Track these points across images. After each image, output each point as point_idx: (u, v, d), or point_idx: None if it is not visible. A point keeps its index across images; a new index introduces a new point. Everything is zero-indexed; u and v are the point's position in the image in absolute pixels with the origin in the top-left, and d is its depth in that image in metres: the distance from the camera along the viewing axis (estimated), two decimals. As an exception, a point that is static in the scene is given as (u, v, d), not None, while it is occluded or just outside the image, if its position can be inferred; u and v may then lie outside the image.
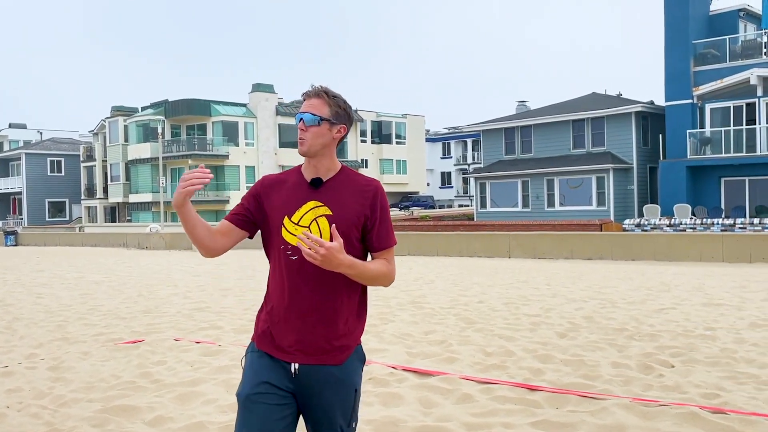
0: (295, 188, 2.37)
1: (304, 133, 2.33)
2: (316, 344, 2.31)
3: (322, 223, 2.30)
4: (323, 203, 2.32)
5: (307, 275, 2.28)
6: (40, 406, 4.85)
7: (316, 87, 2.37)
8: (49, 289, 12.59)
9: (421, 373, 5.56)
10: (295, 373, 2.31)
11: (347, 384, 2.35)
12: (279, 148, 49.30)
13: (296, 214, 2.32)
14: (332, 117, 2.34)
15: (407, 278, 13.35)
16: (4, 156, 59.98)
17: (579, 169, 30.55)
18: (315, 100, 2.34)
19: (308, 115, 2.32)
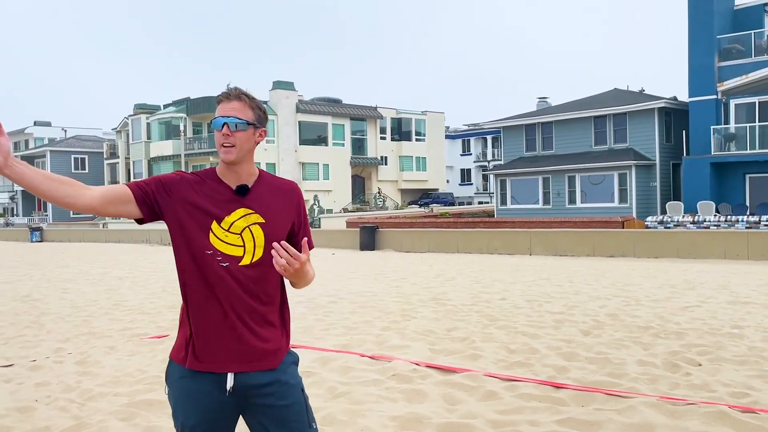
0: (217, 193, 2.25)
1: (229, 138, 2.19)
2: (252, 350, 2.23)
3: (255, 231, 2.24)
4: (254, 211, 2.25)
5: (239, 281, 2.21)
6: (68, 400, 4.91)
7: (234, 89, 2.25)
8: (75, 285, 12.75)
9: (444, 369, 5.54)
10: (231, 386, 2.21)
11: (292, 387, 2.28)
12: (299, 145, 49.44)
13: (226, 220, 2.22)
14: (256, 120, 2.26)
15: (428, 275, 13.32)
16: (29, 153, 60.86)
17: (601, 165, 30.26)
18: (236, 103, 2.22)
19: (234, 119, 2.19)
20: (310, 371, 5.53)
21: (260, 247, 2.24)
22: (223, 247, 2.21)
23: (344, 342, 6.73)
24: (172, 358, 2.29)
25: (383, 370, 5.53)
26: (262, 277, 2.24)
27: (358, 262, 17.18)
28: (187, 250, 2.22)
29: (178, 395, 2.25)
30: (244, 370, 2.22)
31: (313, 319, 8.12)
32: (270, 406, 2.24)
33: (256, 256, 2.24)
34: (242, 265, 2.22)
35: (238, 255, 2.22)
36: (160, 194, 2.22)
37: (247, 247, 2.23)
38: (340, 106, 52.54)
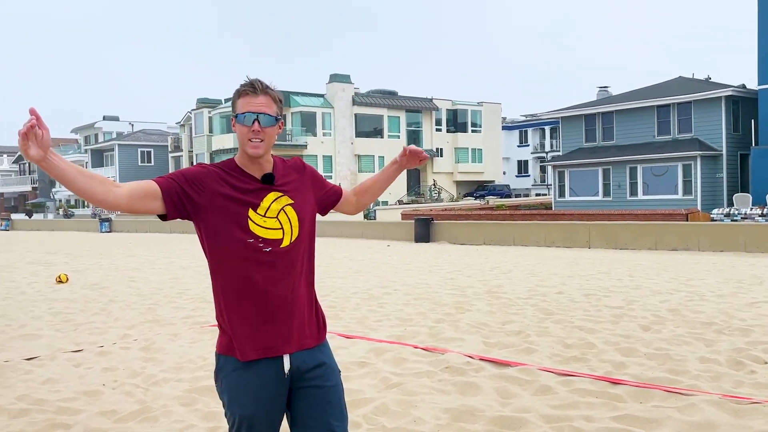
0: (244, 183, 2.27)
1: (259, 133, 2.21)
2: (302, 329, 2.31)
3: (289, 212, 2.31)
4: (282, 193, 2.31)
5: (283, 263, 2.26)
6: (133, 385, 5.11)
7: (259, 82, 2.24)
8: (141, 274, 13.21)
9: (498, 363, 5.52)
10: (289, 367, 2.27)
11: (334, 367, 2.39)
12: (355, 137, 49.73)
13: (261, 206, 2.26)
14: (279, 114, 2.29)
15: (483, 267, 13.24)
16: (98, 147, 63.21)
17: (664, 156, 29.38)
18: (263, 98, 2.23)
19: (265, 116, 2.22)
20: (364, 361, 5.60)
21: (296, 226, 2.31)
22: (263, 232, 2.24)
23: (398, 333, 6.78)
24: (222, 353, 2.30)
25: (436, 362, 5.55)
26: (302, 256, 2.33)
27: (413, 254, 17.20)
28: (227, 242, 2.22)
29: (233, 388, 2.26)
30: (297, 349, 2.28)
31: (367, 310, 8.20)
32: (318, 387, 2.30)
33: (294, 235, 2.30)
34: (283, 246, 2.27)
35: (278, 238, 2.27)
36: (190, 188, 2.21)
37: (285, 229, 2.28)
38: (396, 98, 52.53)
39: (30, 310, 8.81)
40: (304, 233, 2.34)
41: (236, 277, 2.24)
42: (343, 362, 5.58)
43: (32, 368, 5.65)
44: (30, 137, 1.89)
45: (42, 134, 1.91)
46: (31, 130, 1.89)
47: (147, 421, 4.30)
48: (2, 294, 10.49)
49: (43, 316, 8.27)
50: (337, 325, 7.31)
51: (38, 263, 16.35)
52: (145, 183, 2.19)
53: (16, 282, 12.19)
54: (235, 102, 2.25)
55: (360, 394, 4.74)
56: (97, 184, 2.08)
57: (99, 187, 2.08)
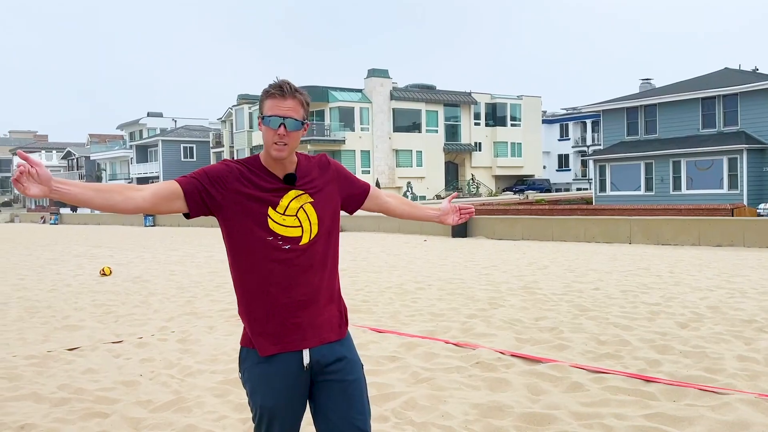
0: (266, 182, 2.30)
1: (284, 137, 2.23)
2: (322, 325, 2.34)
3: (308, 210, 2.33)
4: (303, 191, 2.34)
5: (301, 260, 2.30)
6: (169, 375, 5.24)
7: (288, 85, 2.25)
8: (182, 267, 13.48)
9: (529, 359, 5.49)
10: (308, 360, 2.31)
11: (357, 361, 2.42)
12: (393, 132, 49.74)
13: (281, 204, 2.29)
14: (306, 117, 2.30)
15: (519, 263, 13.14)
16: (143, 143, 64.60)
17: (709, 149, 28.66)
18: (291, 102, 2.24)
19: (291, 120, 2.23)
20: (395, 356, 5.63)
21: (315, 224, 2.33)
22: (282, 230, 2.29)
23: (430, 328, 6.79)
24: (245, 345, 2.37)
25: (467, 358, 5.55)
26: (321, 253, 2.35)
27: (449, 250, 17.16)
28: (248, 239, 2.27)
29: (255, 379, 2.32)
30: (317, 344, 2.32)
31: (400, 305, 8.23)
32: (339, 381, 2.33)
33: (313, 233, 2.33)
34: (302, 244, 2.30)
35: (297, 236, 2.30)
36: (212, 186, 2.26)
37: (304, 227, 2.31)
38: (434, 93, 52.34)
39: (74, 301, 9.09)
40: (323, 231, 2.36)
41: (256, 273, 2.29)
42: (374, 356, 5.63)
43: (74, 358, 5.83)
44: (23, 180, 1.95)
45: (36, 172, 1.96)
46: (22, 176, 1.94)
47: (181, 411, 4.41)
48: (49, 286, 10.84)
49: (86, 308, 8.52)
50: (370, 319, 7.36)
51: (84, 256, 16.82)
52: (168, 184, 2.25)
53: (62, 275, 12.57)
54: (262, 102, 2.26)
55: (389, 388, 4.77)
56: (116, 195, 2.15)
57: (118, 198, 2.15)
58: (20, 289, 10.50)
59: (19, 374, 5.31)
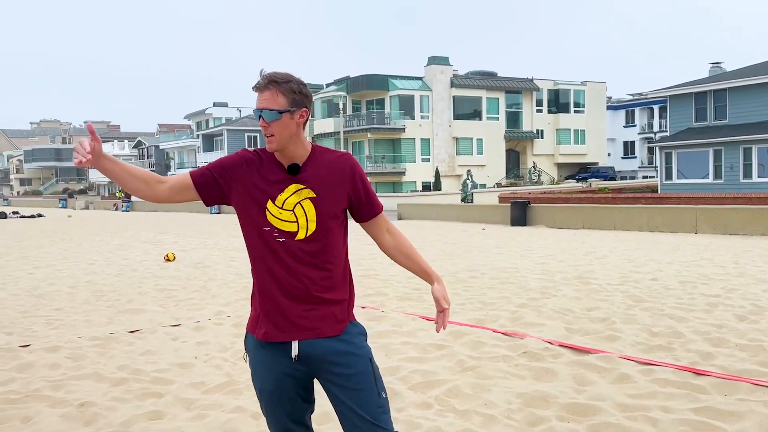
0: (272, 172, 2.33)
1: (267, 129, 2.25)
2: (313, 319, 2.32)
3: (306, 206, 2.30)
4: (305, 186, 2.31)
5: (297, 255, 2.30)
6: (222, 359, 5.43)
7: (263, 78, 2.26)
8: (242, 254, 13.84)
9: (577, 349, 5.44)
10: (296, 354, 2.33)
11: (358, 355, 2.35)
12: (453, 120, 49.41)
13: (279, 198, 2.31)
14: (290, 105, 2.26)
15: (577, 253, 12.92)
16: (209, 132, 66.33)
17: (784, 136, 27.33)
18: (267, 93, 2.25)
19: (266, 111, 2.24)
20: (442, 344, 5.67)
21: (312, 221, 2.31)
22: (278, 223, 2.31)
23: (479, 317, 6.79)
24: (248, 330, 2.45)
25: (514, 347, 5.54)
26: (319, 250, 2.32)
27: (507, 238, 17.01)
28: (250, 227, 2.35)
29: (253, 363, 2.42)
30: (306, 338, 2.33)
31: (451, 293, 8.24)
32: (338, 375, 2.34)
33: (310, 230, 2.31)
34: (298, 239, 2.30)
35: (293, 230, 2.30)
36: (222, 177, 2.36)
37: (300, 222, 2.30)
38: (495, 80, 51.68)
39: (138, 286, 9.48)
40: (321, 228, 2.32)
41: (257, 261, 2.36)
42: (422, 344, 5.68)
43: (134, 340, 6.11)
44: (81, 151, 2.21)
45: (94, 146, 2.23)
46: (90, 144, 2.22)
47: (232, 393, 4.57)
48: (116, 271, 11.33)
49: (149, 292, 8.88)
50: (420, 307, 7.41)
51: (150, 242, 17.46)
52: (183, 177, 2.39)
53: (129, 260, 13.11)
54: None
55: (434, 375, 4.81)
56: (141, 183, 2.35)
57: (142, 186, 2.35)
58: (89, 273, 11.01)
59: (83, 354, 5.60)
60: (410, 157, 48.02)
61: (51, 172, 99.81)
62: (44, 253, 15.05)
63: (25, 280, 10.38)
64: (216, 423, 4.02)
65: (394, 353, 5.48)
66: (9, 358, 5.48)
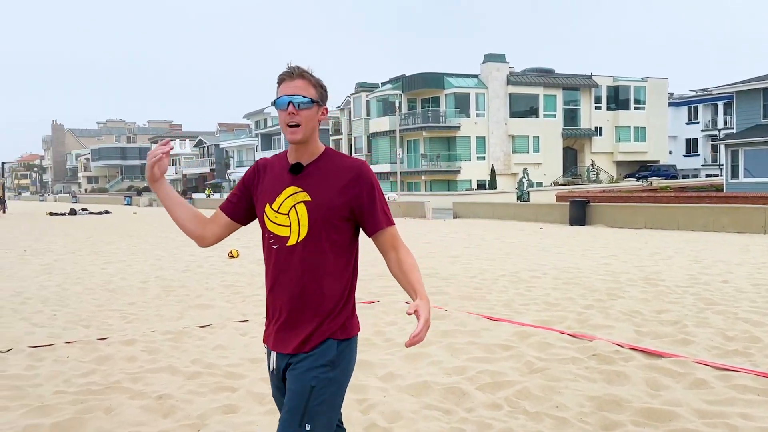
0: (279, 174, 2.27)
1: (295, 117, 2.15)
2: (289, 333, 2.20)
3: (300, 209, 2.18)
4: (302, 189, 2.19)
5: (287, 262, 2.19)
6: (291, 355, 5.52)
7: (296, 67, 2.19)
8: (299, 252, 14.03)
9: (649, 353, 5.31)
10: (274, 365, 2.26)
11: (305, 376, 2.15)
12: (509, 118, 48.88)
13: (276, 201, 2.22)
14: (319, 98, 2.21)
15: (641, 253, 12.62)
16: (267, 131, 67.44)
17: None
18: (300, 82, 2.17)
19: (299, 97, 2.15)
20: (508, 345, 5.63)
21: (304, 225, 2.17)
22: (274, 228, 2.22)
23: (544, 318, 6.71)
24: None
25: (583, 349, 5.46)
26: (310, 257, 2.17)
27: (566, 238, 16.74)
28: (261, 233, 2.33)
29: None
30: (279, 351, 2.23)
31: (514, 293, 8.17)
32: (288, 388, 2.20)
33: (301, 235, 2.17)
34: (289, 245, 2.18)
35: (285, 235, 2.19)
36: (243, 193, 2.35)
37: (293, 227, 2.19)
38: (553, 76, 50.88)
39: (205, 282, 9.72)
40: (315, 236, 2.18)
41: (265, 265, 2.32)
42: (487, 344, 5.66)
43: (205, 335, 6.27)
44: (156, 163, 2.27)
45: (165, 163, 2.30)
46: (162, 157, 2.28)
47: (302, 388, 4.64)
48: (183, 267, 11.64)
49: (216, 288, 9.10)
50: (483, 306, 7.37)
51: (212, 240, 17.88)
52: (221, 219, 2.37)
53: (195, 256, 13.45)
54: (276, 91, 2.22)
55: (502, 376, 4.79)
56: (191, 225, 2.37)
57: (190, 225, 2.37)
58: (158, 269, 11.36)
59: (158, 348, 5.79)
60: (465, 156, 47.76)
61: (116, 170, 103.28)
62: (114, 249, 15.59)
63: (99, 275, 10.78)
64: (289, 418, 4.09)
65: (459, 352, 5.47)
66: (89, 350, 5.71)
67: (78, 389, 4.67)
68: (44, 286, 9.43)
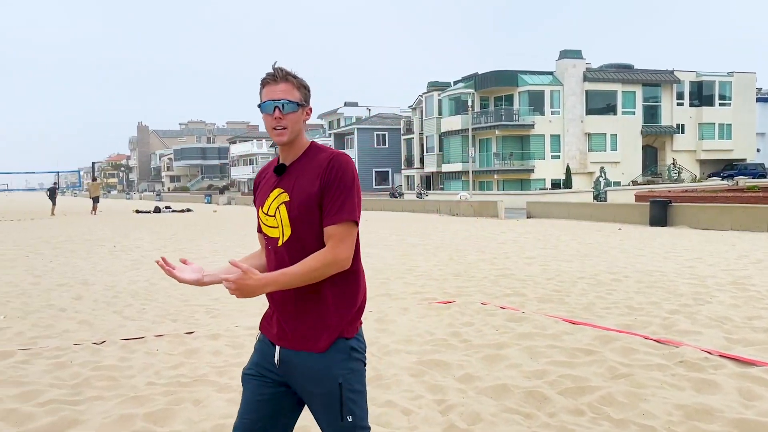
0: (270, 178, 2.36)
1: (281, 121, 2.22)
2: (297, 330, 2.26)
3: (281, 210, 2.25)
4: (284, 189, 2.26)
5: (280, 262, 2.25)
6: (369, 353, 5.57)
7: (280, 70, 2.24)
8: (375, 250, 14.15)
9: (742, 361, 5.09)
10: (279, 359, 2.30)
11: (329, 376, 2.21)
12: (586, 115, 47.71)
13: (266, 204, 2.31)
14: (303, 100, 2.27)
15: (728, 256, 12.07)
16: (340, 131, 68.33)
17: None
18: (284, 85, 2.23)
19: (285, 101, 2.21)
20: (590, 349, 5.50)
21: (287, 226, 2.24)
22: (267, 230, 2.32)
23: (627, 322, 6.53)
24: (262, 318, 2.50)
25: (669, 356, 5.28)
26: (298, 255, 2.21)
27: (647, 239, 16.20)
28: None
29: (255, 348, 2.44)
30: (287, 347, 2.29)
31: (594, 296, 7.98)
32: (309, 392, 2.28)
33: (286, 235, 2.25)
34: (279, 246, 2.27)
35: (276, 236, 2.28)
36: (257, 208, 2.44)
37: (280, 228, 2.27)
38: (632, 72, 49.36)
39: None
40: (300, 232, 2.23)
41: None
42: (568, 348, 5.55)
43: (285, 331, 6.41)
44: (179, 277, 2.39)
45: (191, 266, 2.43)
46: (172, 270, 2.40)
47: (380, 387, 4.69)
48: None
49: (293, 286, 9.27)
50: (562, 309, 7.24)
51: (288, 238, 18.25)
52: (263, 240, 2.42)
53: (271, 254, 13.75)
54: (260, 93, 2.28)
55: (585, 381, 4.69)
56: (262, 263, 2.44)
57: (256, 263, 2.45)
58: (237, 266, 11.66)
59: (241, 343, 5.96)
60: (539, 154, 46.94)
61: (197, 170, 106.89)
62: (196, 246, 16.15)
63: (181, 270, 11.16)
64: (369, 416, 4.14)
65: (539, 356, 5.39)
66: (177, 344, 5.95)
67: (168, 381, 4.88)
68: (133, 280, 9.87)
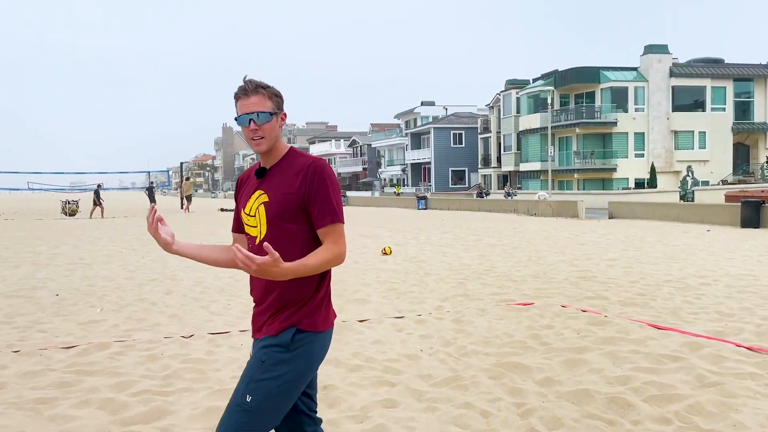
0: (251, 182, 2.51)
1: (257, 131, 2.37)
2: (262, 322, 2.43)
3: (260, 210, 2.41)
4: (264, 191, 2.41)
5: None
6: (446, 354, 5.58)
7: (250, 83, 2.38)
8: (452, 249, 14.12)
9: (844, 373, 4.78)
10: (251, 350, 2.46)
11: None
12: (672, 112, 45.91)
13: (247, 205, 2.47)
14: (276, 108, 2.41)
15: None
16: (417, 131, 68.46)
17: None
18: (255, 98, 2.37)
19: (259, 114, 2.36)
20: (677, 356, 5.31)
21: (263, 225, 2.41)
22: (249, 230, 2.49)
23: (717, 328, 6.25)
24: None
25: (763, 365, 5.03)
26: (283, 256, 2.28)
27: (738, 241, 15.44)
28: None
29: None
30: (254, 336, 2.49)
31: (681, 301, 7.68)
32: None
33: (263, 233, 2.42)
34: (257, 244, 2.43)
35: (255, 234, 2.45)
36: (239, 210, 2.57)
37: (259, 227, 2.43)
38: (722, 67, 47.12)
39: (361, 277, 10.06)
40: (275, 230, 2.38)
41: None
42: (653, 354, 5.38)
43: (363, 329, 6.50)
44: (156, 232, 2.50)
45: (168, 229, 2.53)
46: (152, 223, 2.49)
47: (459, 389, 4.68)
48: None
49: (371, 284, 9.38)
50: (647, 314, 7.01)
51: (367, 236, 18.43)
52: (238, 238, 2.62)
53: (351, 252, 13.93)
54: (235, 106, 2.43)
55: (671, 389, 4.53)
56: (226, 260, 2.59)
57: (227, 262, 2.60)
58: (316, 264, 11.89)
59: (321, 340, 6.07)
60: (622, 153, 45.52)
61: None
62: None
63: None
64: (447, 417, 4.15)
65: (622, 361, 5.25)
66: (259, 339, 6.12)
67: (251, 375, 5.03)
68: (219, 277, 10.22)
